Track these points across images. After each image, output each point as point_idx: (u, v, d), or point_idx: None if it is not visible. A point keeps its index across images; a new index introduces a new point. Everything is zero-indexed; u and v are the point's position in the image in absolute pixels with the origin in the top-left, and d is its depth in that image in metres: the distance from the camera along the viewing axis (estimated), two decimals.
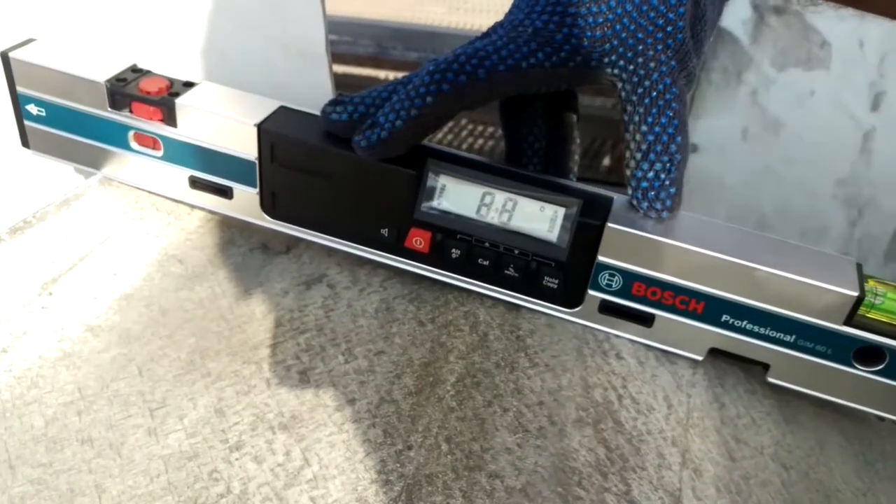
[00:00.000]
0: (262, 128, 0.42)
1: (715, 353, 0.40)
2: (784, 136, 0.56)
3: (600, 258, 0.39)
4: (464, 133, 1.01)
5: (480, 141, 1.00)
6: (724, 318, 0.39)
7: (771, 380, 0.40)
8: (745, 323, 0.39)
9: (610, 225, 0.38)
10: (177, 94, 0.43)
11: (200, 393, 0.36)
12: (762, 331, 0.38)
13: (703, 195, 0.62)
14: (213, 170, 0.44)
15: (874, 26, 0.52)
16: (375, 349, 0.40)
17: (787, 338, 0.38)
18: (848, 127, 0.55)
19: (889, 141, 0.55)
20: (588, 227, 0.39)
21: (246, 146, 0.42)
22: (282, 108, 0.43)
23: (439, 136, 0.98)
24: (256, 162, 0.43)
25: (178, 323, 0.40)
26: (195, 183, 0.45)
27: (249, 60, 0.50)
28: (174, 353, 0.39)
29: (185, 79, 0.45)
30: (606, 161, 0.89)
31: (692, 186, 0.61)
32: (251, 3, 0.49)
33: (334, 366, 0.39)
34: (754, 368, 0.41)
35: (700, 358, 0.41)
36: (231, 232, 0.47)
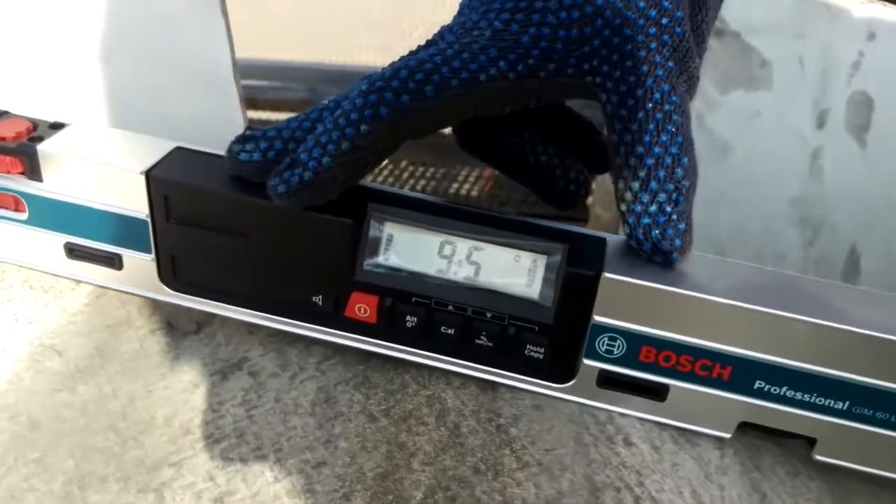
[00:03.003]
0: (151, 176, 0.32)
1: (744, 427, 0.32)
2: (733, 160, 0.54)
3: (596, 318, 0.31)
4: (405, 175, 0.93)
5: (432, 183, 0.92)
6: (758, 384, 0.31)
7: (818, 458, 0.32)
8: (784, 389, 0.30)
9: (606, 275, 0.30)
10: (39, 139, 0.34)
11: None
12: (806, 398, 0.30)
13: None
14: (93, 234, 0.35)
15: (813, 44, 0.51)
16: (314, 459, 0.30)
17: (839, 405, 0.30)
18: (796, 146, 0.53)
19: (837, 158, 0.54)
20: (578, 279, 0.30)
21: (133, 201, 0.33)
22: (177, 151, 0.34)
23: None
24: (148, 220, 0.33)
25: (53, 439, 0.31)
26: (73, 252, 0.35)
27: (138, 93, 0.41)
28: (44, 485, 0.29)
29: (53, 119, 0.35)
30: None
31: None
32: (136, 23, 0.39)
33: (260, 486, 0.29)
34: (792, 442, 0.33)
35: (728, 435, 0.32)
36: (127, 310, 0.37)
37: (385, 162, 0.91)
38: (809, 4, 0.49)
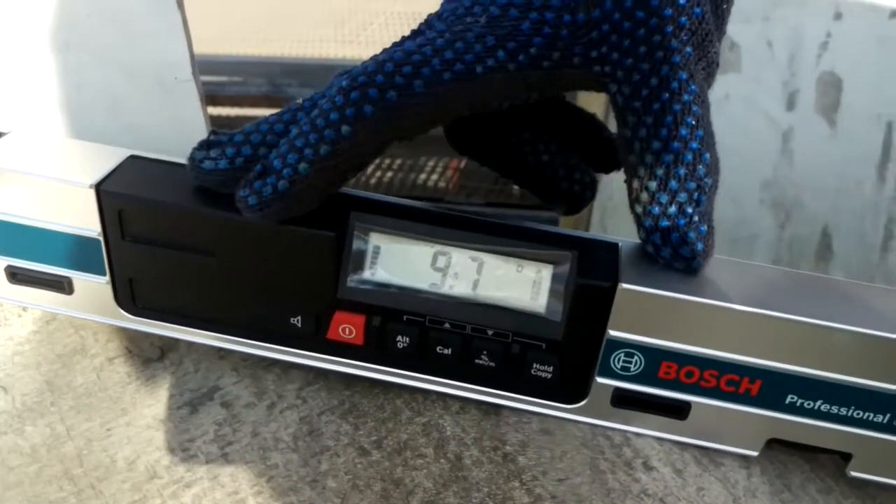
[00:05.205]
0: (102, 189, 0.29)
1: (772, 443, 0.29)
2: None
3: (611, 332, 0.28)
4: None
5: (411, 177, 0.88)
6: (790, 398, 0.28)
7: (854, 474, 0.29)
8: (818, 404, 0.28)
9: (623, 286, 0.27)
10: None
11: None
12: (843, 412, 0.28)
13: (628, 216, 0.57)
14: (38, 255, 0.31)
15: (780, 25, 0.51)
16: (300, 502, 0.27)
17: (878, 418, 0.28)
18: (766, 128, 0.54)
19: (807, 139, 0.54)
20: (591, 291, 0.27)
21: (83, 218, 0.29)
22: (131, 160, 0.30)
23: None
24: (101, 239, 0.30)
25: None
26: (15, 276, 0.31)
27: (90, 98, 0.37)
28: None
29: None
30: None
31: (616, 203, 0.59)
32: (86, 22, 0.35)
33: None
34: (822, 457, 0.30)
35: (755, 454, 0.30)
36: (80, 336, 0.33)
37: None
38: None
